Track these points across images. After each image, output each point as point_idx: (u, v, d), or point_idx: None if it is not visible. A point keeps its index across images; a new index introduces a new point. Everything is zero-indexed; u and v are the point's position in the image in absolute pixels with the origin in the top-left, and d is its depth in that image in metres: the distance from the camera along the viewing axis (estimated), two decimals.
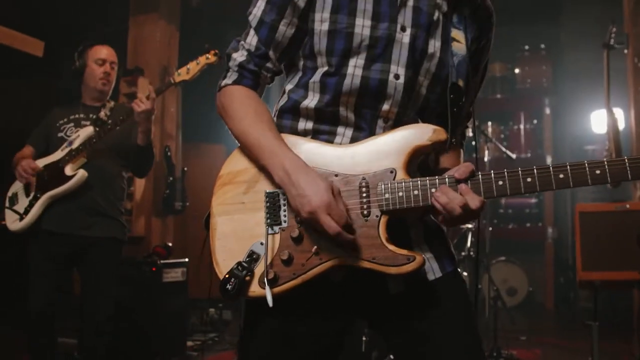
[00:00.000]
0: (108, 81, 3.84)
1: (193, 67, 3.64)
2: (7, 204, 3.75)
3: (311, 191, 1.47)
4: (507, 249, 7.76)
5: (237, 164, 1.65)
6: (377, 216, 1.51)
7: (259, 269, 1.53)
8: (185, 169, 6.15)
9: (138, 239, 5.73)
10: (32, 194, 3.65)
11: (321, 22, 1.59)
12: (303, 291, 1.52)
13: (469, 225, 5.40)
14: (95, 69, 3.80)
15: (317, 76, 1.61)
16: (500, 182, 1.48)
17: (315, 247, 1.51)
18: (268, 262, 1.52)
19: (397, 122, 1.60)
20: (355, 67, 1.58)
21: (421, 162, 1.65)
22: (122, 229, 3.78)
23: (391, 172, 1.52)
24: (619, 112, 5.55)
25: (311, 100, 1.62)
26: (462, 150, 1.84)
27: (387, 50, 1.58)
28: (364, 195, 1.52)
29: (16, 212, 3.67)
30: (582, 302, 7.53)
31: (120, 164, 3.81)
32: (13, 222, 3.67)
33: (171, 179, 5.92)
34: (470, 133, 7.27)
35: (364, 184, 1.53)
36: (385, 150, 1.54)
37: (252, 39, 1.68)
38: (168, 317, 4.82)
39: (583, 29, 7.65)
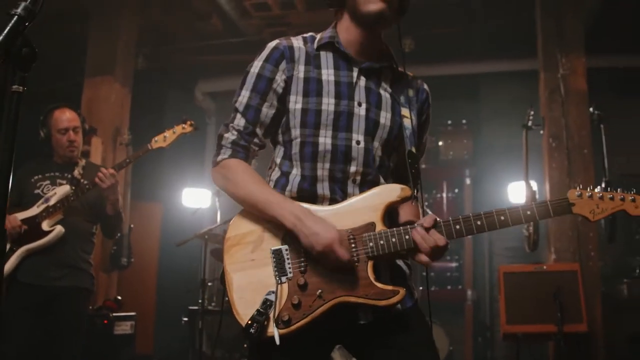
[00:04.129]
0: (75, 147, 4.00)
1: (170, 136, 3.87)
2: None
3: (321, 230, 1.83)
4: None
5: (241, 227, 1.99)
6: (365, 261, 1.88)
7: (273, 314, 1.84)
8: (132, 225, 6.34)
9: None
10: (7, 247, 3.78)
11: (295, 103, 2.01)
12: (308, 329, 1.84)
13: None
14: (60, 138, 3.96)
15: (295, 148, 2.01)
16: (457, 227, 1.90)
17: (319, 290, 1.86)
18: (280, 308, 1.85)
19: (363, 181, 2.00)
20: (325, 137, 1.98)
21: (392, 219, 2.05)
22: (91, 280, 3.97)
23: (372, 225, 1.91)
24: (533, 185, 6.18)
25: (296, 169, 2.01)
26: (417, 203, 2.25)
27: (348, 122, 2.00)
28: (353, 245, 1.89)
29: None
30: None
31: (92, 221, 4.02)
32: None
33: (119, 235, 6.09)
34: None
35: (351, 237, 1.90)
36: (363, 208, 1.93)
37: (240, 121, 2.06)
38: None
39: (500, 107, 8.40)
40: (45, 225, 3.77)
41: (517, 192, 7.17)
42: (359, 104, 2.03)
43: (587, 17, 6.33)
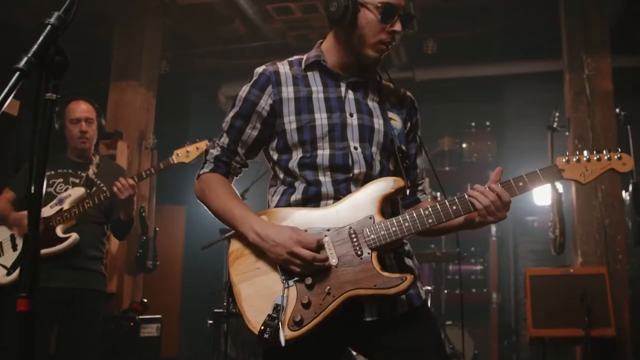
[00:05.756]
0: (86, 139, 3.87)
1: (193, 151, 3.80)
2: None
3: (279, 238, 1.91)
4: (454, 314, 8.15)
5: (242, 240, 2.05)
6: (368, 253, 1.94)
7: (284, 317, 1.88)
8: (157, 229, 6.39)
9: (110, 295, 5.88)
10: (19, 249, 3.66)
11: (290, 123, 2.10)
12: (319, 330, 1.88)
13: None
14: (72, 129, 3.85)
15: (295, 162, 2.09)
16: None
17: (328, 287, 1.90)
18: (291, 310, 1.89)
19: (365, 182, 2.06)
20: (323, 150, 2.07)
21: (393, 212, 2.11)
22: (103, 281, 3.93)
23: (370, 217, 1.98)
24: (559, 187, 6.13)
25: (300, 179, 2.09)
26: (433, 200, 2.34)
27: (343, 131, 2.09)
28: (354, 240, 1.95)
29: (3, 266, 3.70)
30: None
31: (103, 222, 3.97)
32: (1, 276, 3.67)
33: (144, 238, 6.14)
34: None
35: (352, 231, 1.96)
36: (361, 203, 2.00)
37: (224, 139, 2.19)
38: None
39: (524, 109, 8.37)
40: (59, 231, 3.68)
41: (541, 194, 7.11)
42: (351, 115, 2.12)
43: (612, 16, 6.27)
